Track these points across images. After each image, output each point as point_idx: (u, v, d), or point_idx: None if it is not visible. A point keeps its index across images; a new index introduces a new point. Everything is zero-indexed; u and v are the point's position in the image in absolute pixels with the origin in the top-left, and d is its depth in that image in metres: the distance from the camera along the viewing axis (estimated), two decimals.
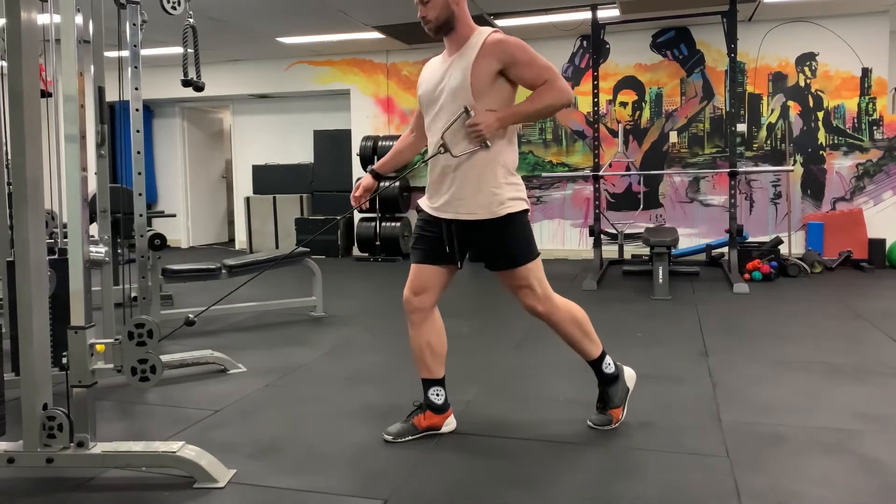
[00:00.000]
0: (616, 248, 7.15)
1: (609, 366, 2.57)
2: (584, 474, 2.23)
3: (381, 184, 2.72)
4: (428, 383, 2.54)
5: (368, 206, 2.47)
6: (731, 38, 6.13)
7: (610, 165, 7.07)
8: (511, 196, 2.38)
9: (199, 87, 3.36)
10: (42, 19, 2.43)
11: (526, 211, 2.44)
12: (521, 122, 2.41)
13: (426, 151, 2.50)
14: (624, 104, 7.67)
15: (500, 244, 2.40)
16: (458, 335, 2.63)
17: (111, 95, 3.21)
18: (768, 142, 7.28)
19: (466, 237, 2.42)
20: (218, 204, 10.55)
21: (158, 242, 4.26)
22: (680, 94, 7.50)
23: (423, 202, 2.52)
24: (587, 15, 6.61)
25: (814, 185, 7.18)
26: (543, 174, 7.57)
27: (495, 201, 2.35)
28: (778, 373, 3.30)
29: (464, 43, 2.36)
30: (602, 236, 6.73)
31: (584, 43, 7.70)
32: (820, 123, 7.15)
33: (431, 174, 2.46)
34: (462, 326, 4.33)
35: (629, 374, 2.64)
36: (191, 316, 2.25)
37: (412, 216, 8.25)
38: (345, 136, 8.76)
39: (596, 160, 6.67)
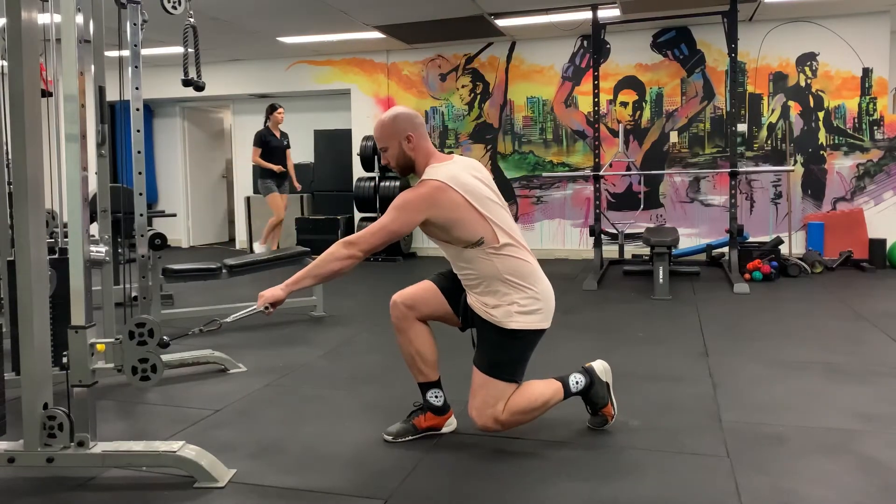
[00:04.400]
0: (616, 247, 7.15)
1: (577, 383, 2.52)
2: (584, 474, 2.23)
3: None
4: (425, 386, 2.54)
5: None
6: (732, 38, 6.12)
7: (610, 165, 7.07)
8: (524, 310, 2.32)
9: (199, 87, 3.36)
10: (42, 19, 2.43)
11: (537, 332, 2.37)
12: (304, 286, 2.42)
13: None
14: (624, 104, 7.67)
15: (489, 345, 2.38)
16: (459, 335, 2.63)
17: (112, 95, 3.21)
18: (769, 142, 7.28)
19: (474, 322, 2.44)
20: (218, 203, 10.55)
21: (159, 242, 4.26)
22: (680, 94, 7.50)
23: None
24: (588, 15, 6.61)
25: (814, 185, 7.18)
26: (544, 174, 7.57)
27: (503, 312, 2.32)
28: (778, 373, 3.30)
29: None
30: (602, 236, 6.73)
31: (585, 43, 7.70)
32: (820, 123, 7.15)
33: None
34: None
35: (601, 369, 2.58)
36: (166, 338, 2.23)
37: None
38: (345, 135, 8.76)
39: (596, 160, 6.66)
